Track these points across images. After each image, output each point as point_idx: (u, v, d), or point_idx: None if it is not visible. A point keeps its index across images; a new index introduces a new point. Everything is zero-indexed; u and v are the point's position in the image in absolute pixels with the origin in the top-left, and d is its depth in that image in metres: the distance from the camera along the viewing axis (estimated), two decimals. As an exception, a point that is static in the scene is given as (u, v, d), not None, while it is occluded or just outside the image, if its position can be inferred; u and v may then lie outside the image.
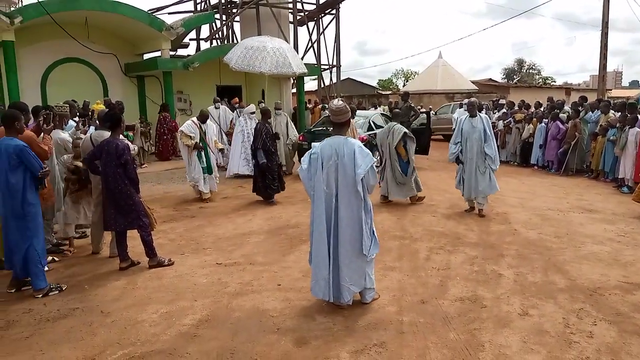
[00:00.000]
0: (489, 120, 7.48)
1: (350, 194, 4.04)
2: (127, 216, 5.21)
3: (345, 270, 4.09)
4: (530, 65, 62.64)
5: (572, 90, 38.67)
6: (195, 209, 8.17)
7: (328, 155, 4.06)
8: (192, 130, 8.49)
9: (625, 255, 5.55)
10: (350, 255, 4.09)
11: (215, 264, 5.41)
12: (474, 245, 5.98)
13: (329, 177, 4.06)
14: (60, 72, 13.70)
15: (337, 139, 4.13)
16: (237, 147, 10.88)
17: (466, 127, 7.36)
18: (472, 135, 7.29)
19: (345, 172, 4.02)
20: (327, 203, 4.07)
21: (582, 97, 12.75)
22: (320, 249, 4.11)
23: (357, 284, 4.17)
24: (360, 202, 4.07)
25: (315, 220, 4.16)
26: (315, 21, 20.65)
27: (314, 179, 4.11)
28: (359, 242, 4.09)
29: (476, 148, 7.26)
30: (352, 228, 4.07)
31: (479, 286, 4.65)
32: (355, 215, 4.07)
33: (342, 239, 4.06)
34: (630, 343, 3.56)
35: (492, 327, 3.82)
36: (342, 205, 4.05)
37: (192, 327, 3.90)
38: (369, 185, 4.13)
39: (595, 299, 4.36)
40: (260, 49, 10.15)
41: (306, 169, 4.17)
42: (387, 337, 3.67)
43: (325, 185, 4.06)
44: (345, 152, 4.02)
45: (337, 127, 4.22)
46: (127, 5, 13.15)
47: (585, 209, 7.82)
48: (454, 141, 7.54)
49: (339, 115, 4.15)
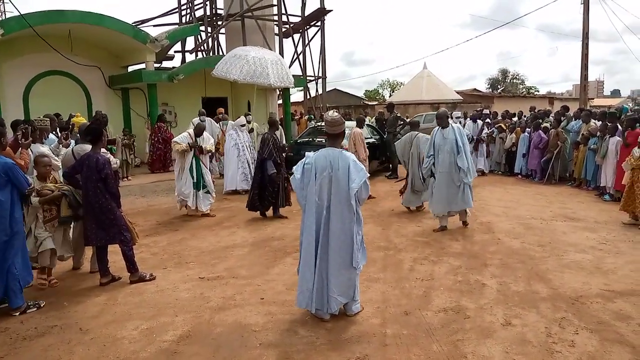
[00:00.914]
0: (462, 131, 7.10)
1: (342, 207, 4.04)
2: (108, 231, 5.13)
3: (333, 281, 4.07)
4: (514, 75, 63.70)
5: (555, 100, 39.32)
6: (179, 222, 8.09)
7: (322, 166, 4.06)
8: (181, 139, 8.13)
9: (607, 263, 5.60)
10: (339, 266, 4.09)
11: (197, 278, 5.35)
12: (457, 255, 5.99)
13: (321, 189, 4.05)
14: (43, 85, 13.57)
15: (332, 151, 4.13)
16: (233, 162, 10.53)
17: (437, 139, 7.01)
18: (443, 147, 6.92)
19: (339, 185, 4.02)
20: (318, 214, 4.06)
21: (564, 106, 12.95)
22: (308, 259, 4.10)
23: (345, 294, 4.17)
24: (352, 215, 4.07)
25: (304, 230, 4.15)
26: (300, 33, 20.76)
27: (306, 189, 4.10)
28: (349, 254, 4.10)
29: (448, 160, 6.88)
30: (343, 240, 4.07)
31: (463, 296, 4.66)
32: (347, 227, 4.07)
33: (332, 250, 4.05)
34: (611, 351, 3.58)
35: (475, 338, 3.81)
36: (334, 217, 4.05)
37: (172, 344, 3.84)
38: (361, 199, 4.16)
39: (577, 307, 4.38)
40: (242, 57, 10.17)
41: (299, 179, 4.16)
42: (370, 350, 3.65)
43: (317, 196, 4.05)
44: (340, 165, 4.03)
45: (332, 139, 4.23)
46: (111, 18, 13.10)
47: (568, 217, 7.90)
48: (427, 154, 7.20)
49: (335, 127, 4.17)
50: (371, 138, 12.74)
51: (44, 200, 4.87)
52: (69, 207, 5.04)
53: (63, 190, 5.02)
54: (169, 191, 10.92)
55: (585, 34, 22.66)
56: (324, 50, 20.53)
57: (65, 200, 5.01)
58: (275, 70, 10.59)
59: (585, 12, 22.48)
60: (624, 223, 7.34)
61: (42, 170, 5.07)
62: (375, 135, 13.18)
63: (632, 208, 7.25)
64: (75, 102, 13.55)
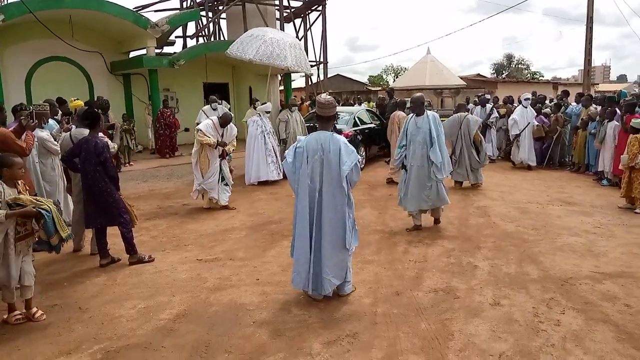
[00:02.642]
0: (438, 120, 6.25)
1: (334, 189, 4.10)
2: (107, 213, 5.23)
3: (326, 263, 4.15)
4: (519, 60, 63.18)
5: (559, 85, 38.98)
6: (179, 207, 8.20)
7: (314, 149, 4.11)
8: (210, 132, 7.56)
9: (598, 246, 5.67)
10: (332, 248, 4.16)
11: (195, 260, 5.46)
12: (452, 238, 6.07)
13: (313, 172, 4.11)
14: (45, 71, 13.62)
15: (323, 134, 4.18)
16: (259, 150, 9.95)
17: (410, 128, 6.26)
18: (416, 138, 6.16)
19: (330, 168, 4.08)
20: (311, 197, 4.13)
21: (564, 91, 12.91)
22: (302, 242, 4.18)
23: (338, 276, 4.25)
24: (344, 198, 4.13)
25: (298, 214, 4.21)
26: (302, 18, 20.66)
27: (298, 173, 4.16)
28: (342, 236, 4.16)
29: (420, 153, 6.14)
30: (335, 222, 4.14)
31: (454, 278, 4.75)
32: (338, 209, 4.13)
33: (325, 232, 4.12)
34: (595, 330, 3.67)
35: (463, 317, 3.90)
36: (326, 199, 4.11)
37: (169, 322, 3.95)
38: (352, 181, 4.21)
39: (566, 288, 4.46)
40: (259, 37, 9.67)
41: (291, 163, 4.21)
42: (360, 328, 3.75)
43: (310, 179, 4.11)
44: (331, 147, 4.08)
45: (323, 121, 4.26)
46: (111, 3, 13.08)
47: (564, 202, 7.95)
48: (399, 144, 6.42)
49: (327, 109, 4.21)
50: (371, 123, 12.77)
51: (12, 215, 3.73)
52: (45, 232, 3.90)
53: (41, 208, 3.82)
54: (170, 176, 11.04)
55: (590, 18, 22.37)
56: (326, 35, 20.44)
57: (42, 223, 3.85)
58: (294, 54, 9.99)
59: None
60: (620, 207, 7.38)
61: (16, 174, 3.91)
62: (376, 120, 13.20)
63: (628, 193, 7.30)
64: (77, 88, 13.60)
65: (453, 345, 3.47)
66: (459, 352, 3.38)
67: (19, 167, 3.93)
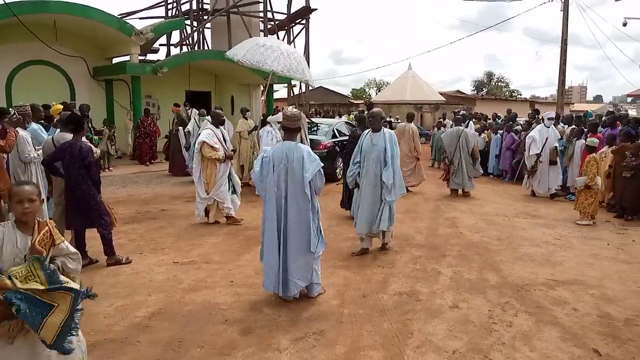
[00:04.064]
0: (394, 138, 5.86)
1: (298, 196, 4.35)
2: (89, 215, 5.39)
3: (292, 266, 4.38)
4: (499, 78, 64.68)
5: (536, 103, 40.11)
6: (157, 212, 8.34)
7: (279, 158, 4.37)
8: (215, 141, 7.19)
9: (556, 256, 6.02)
10: (298, 252, 4.39)
11: (172, 262, 5.64)
12: (420, 246, 6.37)
13: (279, 180, 4.36)
14: (26, 75, 13.67)
15: (288, 144, 4.45)
16: None
17: (365, 145, 5.88)
18: (370, 155, 5.80)
19: (294, 175, 4.33)
20: (277, 203, 4.37)
21: (535, 110, 13.44)
22: (271, 247, 4.41)
23: (304, 278, 4.47)
24: (307, 203, 4.38)
25: (266, 220, 4.45)
26: (285, 30, 21.02)
27: (265, 181, 4.41)
28: (307, 240, 4.40)
29: (373, 171, 5.77)
30: (300, 227, 4.37)
31: (418, 282, 5.02)
32: (302, 214, 4.37)
33: (291, 236, 4.36)
34: (543, 331, 3.97)
35: (423, 318, 4.17)
36: (291, 206, 4.36)
37: (144, 319, 4.13)
38: (317, 188, 4.45)
39: (521, 294, 4.77)
40: (274, 48, 9.76)
41: (258, 172, 4.46)
42: (326, 327, 3.99)
43: (276, 187, 4.36)
44: (295, 156, 4.34)
45: (288, 132, 4.55)
46: (96, 9, 13.24)
47: (529, 215, 8.33)
48: (353, 160, 6.03)
49: (292, 121, 4.50)
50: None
51: None
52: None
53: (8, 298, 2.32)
54: (149, 182, 11.17)
55: (564, 40, 23.24)
56: (309, 48, 20.80)
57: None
58: (305, 66, 10.18)
59: (565, 19, 23.10)
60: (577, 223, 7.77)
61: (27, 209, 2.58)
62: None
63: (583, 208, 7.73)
64: (59, 92, 13.67)
65: (411, 343, 3.73)
66: (416, 349, 3.64)
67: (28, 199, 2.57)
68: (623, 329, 4.03)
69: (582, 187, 7.64)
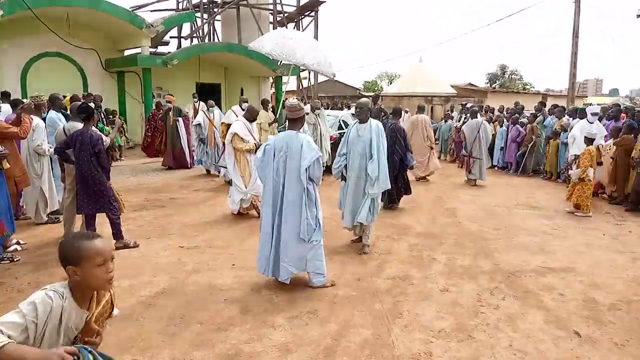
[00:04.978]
0: (381, 130, 5.71)
1: (295, 183, 4.52)
2: (98, 200, 5.65)
3: (284, 250, 4.52)
4: (512, 71, 64.16)
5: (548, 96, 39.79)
6: (166, 200, 8.60)
7: (280, 147, 4.56)
8: (246, 133, 7.18)
9: (551, 245, 6.16)
10: (290, 237, 4.51)
11: (177, 247, 5.88)
12: (418, 234, 6.54)
13: (278, 167, 4.55)
14: (40, 67, 14.02)
15: (289, 133, 4.63)
16: None
17: (351, 137, 5.83)
18: (355, 147, 5.74)
19: (292, 163, 4.51)
20: (275, 189, 4.56)
21: (541, 102, 13.46)
22: (266, 229, 4.60)
23: (296, 265, 4.55)
24: (302, 191, 4.50)
25: (264, 204, 4.66)
26: (295, 22, 21.15)
27: (266, 168, 4.61)
28: (299, 227, 4.50)
29: (358, 164, 5.70)
30: (294, 214, 4.51)
31: (412, 268, 5.21)
32: (297, 202, 4.52)
33: (284, 223, 4.52)
34: (528, 313, 4.14)
35: (413, 300, 4.37)
36: (288, 192, 4.53)
37: (149, 298, 4.38)
38: (315, 177, 4.56)
39: (511, 280, 4.94)
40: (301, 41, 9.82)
41: (260, 159, 4.67)
42: (320, 306, 4.20)
43: (275, 173, 4.56)
44: (294, 145, 4.53)
45: (291, 122, 4.70)
46: (108, 2, 13.52)
47: (529, 206, 8.45)
48: (339, 152, 5.96)
49: (294, 112, 4.65)
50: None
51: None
52: None
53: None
54: (159, 172, 11.45)
55: (576, 32, 23.10)
56: (317, 39, 20.91)
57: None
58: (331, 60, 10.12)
59: (577, 11, 22.92)
60: (567, 211, 7.92)
61: (95, 278, 2.07)
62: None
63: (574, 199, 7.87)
64: (72, 84, 14.01)
65: (400, 322, 3.93)
66: (404, 327, 3.84)
67: (99, 261, 2.04)
68: (606, 313, 4.19)
69: (576, 180, 7.73)
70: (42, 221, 6.75)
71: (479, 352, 3.50)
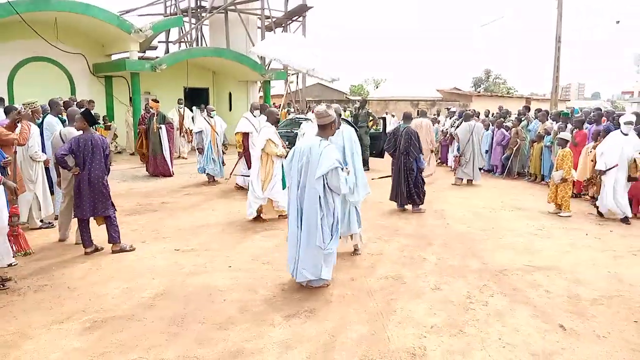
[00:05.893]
0: (353, 136, 5.65)
1: (311, 189, 4.57)
2: (104, 203, 5.73)
3: (302, 255, 4.62)
4: (496, 75, 65.07)
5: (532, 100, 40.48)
6: (158, 204, 8.67)
7: (303, 152, 4.66)
8: (277, 139, 7.18)
9: (536, 245, 6.38)
10: (307, 242, 4.59)
11: (173, 250, 5.98)
12: (408, 235, 6.72)
13: (300, 170, 4.65)
14: (28, 72, 13.97)
15: (315, 139, 4.68)
16: None
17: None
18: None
19: (311, 169, 4.57)
20: (297, 192, 4.67)
21: (525, 106, 13.77)
22: (293, 229, 4.70)
23: (311, 272, 4.60)
24: (317, 198, 4.54)
25: (290, 204, 4.77)
26: (282, 27, 21.31)
27: (292, 169, 4.73)
28: (313, 234, 4.57)
29: None
30: (309, 220, 4.58)
31: (404, 268, 5.38)
32: (313, 208, 4.56)
33: (304, 227, 4.61)
34: (515, 309, 4.33)
35: (406, 298, 4.53)
36: (305, 197, 4.60)
37: (149, 299, 4.48)
38: (332, 187, 4.56)
39: (499, 278, 5.13)
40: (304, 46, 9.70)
41: (289, 160, 4.82)
42: (317, 305, 4.34)
43: (299, 176, 4.66)
44: (315, 152, 4.58)
45: (320, 129, 4.74)
46: (96, 7, 13.53)
47: (515, 207, 8.69)
48: None
49: (321, 118, 4.68)
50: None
51: None
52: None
53: None
54: (149, 176, 11.49)
55: (558, 37, 23.63)
56: (306, 45, 21.09)
57: None
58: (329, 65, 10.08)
59: (559, 16, 23.46)
60: (550, 212, 8.18)
61: None
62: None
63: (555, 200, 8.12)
64: (59, 89, 13.95)
65: (394, 319, 4.09)
66: (398, 324, 4.00)
67: None
68: (589, 308, 4.40)
69: (559, 181, 7.99)
70: (36, 226, 6.79)
71: (470, 345, 3.67)
